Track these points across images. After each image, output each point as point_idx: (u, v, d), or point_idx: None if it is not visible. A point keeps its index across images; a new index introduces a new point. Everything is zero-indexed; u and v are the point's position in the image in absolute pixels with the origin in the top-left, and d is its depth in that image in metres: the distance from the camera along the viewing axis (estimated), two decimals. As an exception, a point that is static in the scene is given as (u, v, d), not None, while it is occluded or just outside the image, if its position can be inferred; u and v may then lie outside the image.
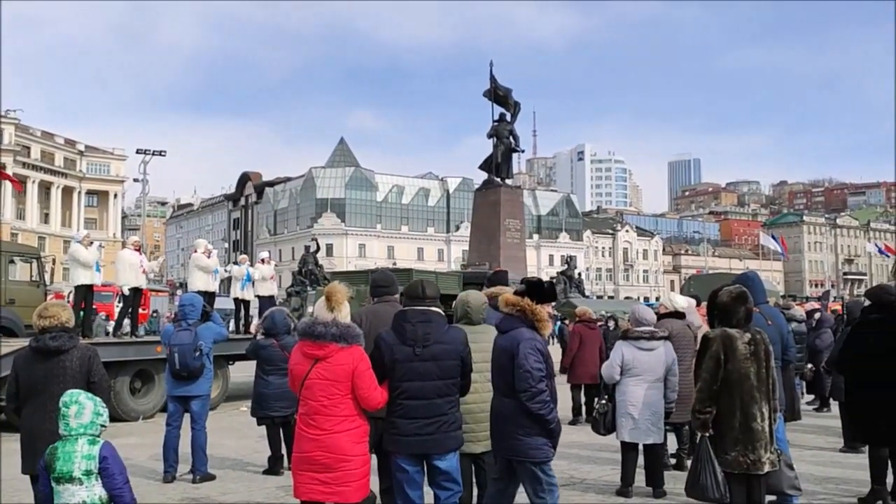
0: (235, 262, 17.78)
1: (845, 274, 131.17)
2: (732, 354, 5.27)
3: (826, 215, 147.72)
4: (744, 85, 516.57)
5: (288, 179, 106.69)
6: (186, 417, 8.43)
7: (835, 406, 11.19)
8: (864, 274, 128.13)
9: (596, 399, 9.69)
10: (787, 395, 7.92)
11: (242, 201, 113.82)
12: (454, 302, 6.24)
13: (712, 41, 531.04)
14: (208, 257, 15.09)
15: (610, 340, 13.24)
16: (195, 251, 15.33)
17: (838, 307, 25.97)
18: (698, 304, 10.68)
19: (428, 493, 5.27)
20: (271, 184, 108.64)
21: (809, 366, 11.85)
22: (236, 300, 16.84)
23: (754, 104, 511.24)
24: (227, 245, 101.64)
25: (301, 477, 4.74)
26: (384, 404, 5.00)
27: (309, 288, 29.68)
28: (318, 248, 38.05)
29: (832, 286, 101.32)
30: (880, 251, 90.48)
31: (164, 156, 57.21)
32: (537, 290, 5.40)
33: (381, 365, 5.01)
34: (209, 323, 8.65)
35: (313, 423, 4.70)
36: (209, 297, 14.21)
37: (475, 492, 6.07)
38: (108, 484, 4.35)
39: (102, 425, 4.47)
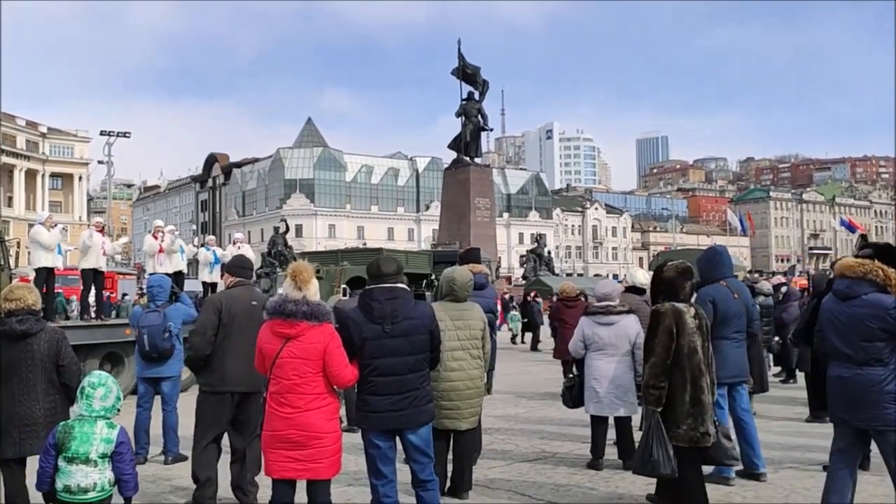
0: (203, 245, 17.52)
1: (811, 249, 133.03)
2: (683, 328, 5.30)
3: (792, 191, 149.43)
4: (712, 64, 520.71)
5: (255, 160, 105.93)
6: (157, 399, 8.40)
7: (801, 377, 11.37)
8: (830, 249, 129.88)
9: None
10: (756, 367, 8.03)
11: (210, 182, 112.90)
12: (438, 277, 6.24)
13: (682, 21, 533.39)
14: (162, 240, 14.88)
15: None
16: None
17: (804, 282, 26.35)
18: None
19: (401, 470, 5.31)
20: (239, 165, 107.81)
21: (776, 339, 12.03)
22: (204, 284, 16.65)
23: (722, 83, 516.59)
24: (195, 227, 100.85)
25: (273, 455, 4.73)
26: (355, 381, 5.00)
27: (279, 269, 29.63)
28: (288, 229, 37.90)
29: (798, 261, 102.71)
30: (843, 223, 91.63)
31: (128, 137, 56.58)
32: (889, 253, 5.13)
33: (351, 344, 4.99)
34: (178, 304, 8.62)
35: (285, 402, 4.70)
36: (178, 277, 14.07)
37: (449, 467, 6.11)
38: (119, 468, 4.41)
39: (118, 410, 4.53)
